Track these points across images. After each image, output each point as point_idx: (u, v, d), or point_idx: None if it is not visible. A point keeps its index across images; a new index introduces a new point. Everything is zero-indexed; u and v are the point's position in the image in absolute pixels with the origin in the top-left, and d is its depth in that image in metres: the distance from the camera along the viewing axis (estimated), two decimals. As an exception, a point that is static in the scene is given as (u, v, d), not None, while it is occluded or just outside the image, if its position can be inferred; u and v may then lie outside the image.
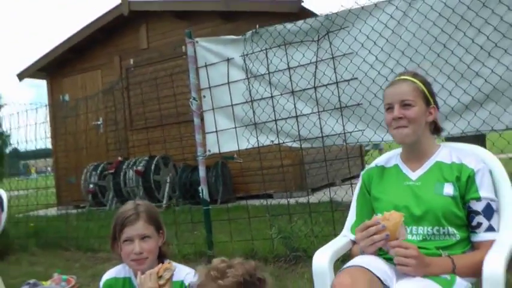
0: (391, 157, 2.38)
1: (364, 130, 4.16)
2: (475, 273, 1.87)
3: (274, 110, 4.64)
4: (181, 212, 7.27)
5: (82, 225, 6.81)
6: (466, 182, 2.06)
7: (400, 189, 2.18)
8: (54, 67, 11.55)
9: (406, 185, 2.18)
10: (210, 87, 5.02)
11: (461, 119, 3.76)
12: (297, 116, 4.52)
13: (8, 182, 8.21)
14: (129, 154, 10.51)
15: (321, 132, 4.39)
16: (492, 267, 1.77)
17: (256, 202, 7.13)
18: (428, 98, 2.22)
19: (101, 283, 2.37)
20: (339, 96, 4.26)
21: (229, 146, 4.98)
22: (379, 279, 1.78)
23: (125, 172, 9.45)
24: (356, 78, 4.16)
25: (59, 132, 11.13)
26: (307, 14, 8.53)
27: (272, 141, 4.72)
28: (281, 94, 4.59)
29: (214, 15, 9.47)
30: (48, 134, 9.83)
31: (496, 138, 4.24)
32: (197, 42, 5.05)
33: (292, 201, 5.84)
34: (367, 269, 1.80)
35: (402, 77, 2.27)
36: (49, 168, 14.84)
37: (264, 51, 4.63)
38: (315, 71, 4.38)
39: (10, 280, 4.26)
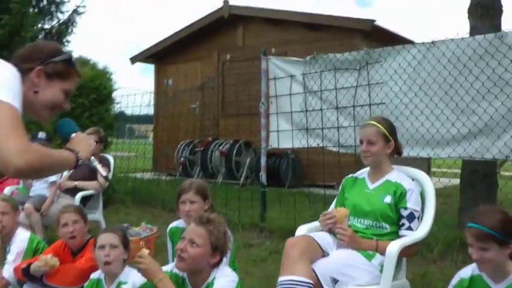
0: (363, 172, 3.41)
1: (385, 145, 5.15)
2: (388, 253, 2.89)
3: (322, 120, 5.71)
4: (254, 190, 8.48)
5: (170, 190, 8.07)
6: (399, 196, 3.08)
7: (360, 194, 3.23)
8: (161, 55, 13.17)
9: (364, 192, 3.23)
10: (276, 96, 6.17)
11: (459, 146, 4.68)
12: (338, 127, 5.56)
13: (115, 143, 9.83)
14: (218, 136, 11.85)
15: (354, 141, 5.41)
16: (390, 248, 2.82)
17: (319, 190, 8.17)
18: (388, 137, 3.22)
19: (168, 229, 3.59)
20: (370, 115, 5.25)
21: (286, 143, 6.15)
22: (319, 244, 2.88)
23: (212, 151, 10.84)
24: (384, 103, 5.15)
25: (161, 110, 12.65)
26: (378, 31, 9.44)
27: (318, 144, 5.82)
28: (327, 108, 5.65)
29: (300, 24, 10.57)
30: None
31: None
32: (270, 59, 6.20)
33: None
34: (311, 237, 2.91)
35: (371, 122, 3.25)
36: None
37: (319, 72, 5.70)
38: (355, 93, 5.40)
39: (109, 223, 5.67)
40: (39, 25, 18.47)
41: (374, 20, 9.26)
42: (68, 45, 20.79)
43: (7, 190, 6.09)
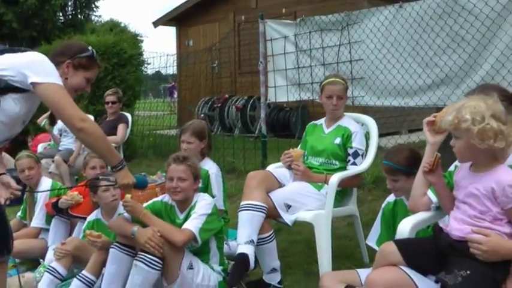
0: (323, 119, 4.00)
1: (363, 96, 5.72)
2: (335, 184, 3.52)
3: (311, 75, 6.27)
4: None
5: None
6: (346, 137, 3.69)
7: (317, 137, 3.84)
8: (182, 18, 13.71)
9: (321, 135, 3.84)
10: (272, 55, 6.74)
11: (425, 95, 5.21)
12: (325, 81, 6.11)
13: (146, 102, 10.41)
14: (236, 92, 12.45)
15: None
16: (332, 179, 3.45)
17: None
18: (347, 92, 3.82)
19: None
20: (351, 70, 5.80)
21: (282, 97, 6.75)
22: (276, 177, 3.54)
23: (229, 107, 11.49)
24: (362, 59, 5.68)
25: (183, 69, 13.26)
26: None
27: (308, 97, 6.40)
28: (315, 65, 6.20)
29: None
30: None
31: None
32: (266, 22, 6.74)
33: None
34: (270, 171, 3.58)
35: (338, 79, 3.82)
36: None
37: (308, 33, 6.23)
38: (338, 51, 5.94)
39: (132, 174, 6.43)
40: (69, -8, 19.02)
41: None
42: (96, 11, 21.28)
43: (40, 147, 6.92)
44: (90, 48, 2.76)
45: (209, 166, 3.94)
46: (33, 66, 2.40)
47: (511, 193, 1.95)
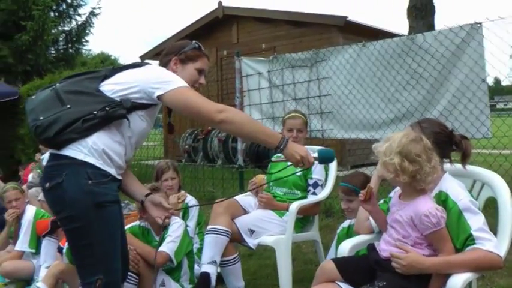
0: (286, 152, 4.27)
1: (332, 129, 6.02)
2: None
3: (284, 110, 6.56)
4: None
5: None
6: (307, 169, 3.95)
7: (281, 169, 4.11)
8: (167, 53, 14.07)
9: (284, 168, 4.10)
10: (248, 90, 7.04)
11: (388, 128, 5.51)
12: (297, 115, 6.41)
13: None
14: (218, 124, 12.69)
15: (309, 127, 6.27)
16: (291, 207, 3.69)
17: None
18: (306, 126, 4.10)
19: None
20: (320, 105, 6.12)
21: (257, 130, 7.01)
22: (241, 205, 3.79)
23: (212, 139, 11.76)
24: (330, 94, 5.99)
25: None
26: (352, 25, 10.22)
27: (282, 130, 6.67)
28: (287, 100, 6.52)
29: (285, 21, 11.40)
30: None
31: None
32: (242, 59, 7.07)
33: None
34: (236, 199, 3.82)
35: (298, 114, 4.11)
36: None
37: (280, 70, 6.56)
38: (308, 86, 6.26)
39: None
40: (59, 28, 19.45)
41: (346, 17, 10.05)
42: (86, 45, 21.61)
43: (30, 177, 7.14)
44: (193, 42, 2.69)
45: (188, 199, 4.26)
46: (155, 79, 2.35)
47: (426, 222, 2.18)
